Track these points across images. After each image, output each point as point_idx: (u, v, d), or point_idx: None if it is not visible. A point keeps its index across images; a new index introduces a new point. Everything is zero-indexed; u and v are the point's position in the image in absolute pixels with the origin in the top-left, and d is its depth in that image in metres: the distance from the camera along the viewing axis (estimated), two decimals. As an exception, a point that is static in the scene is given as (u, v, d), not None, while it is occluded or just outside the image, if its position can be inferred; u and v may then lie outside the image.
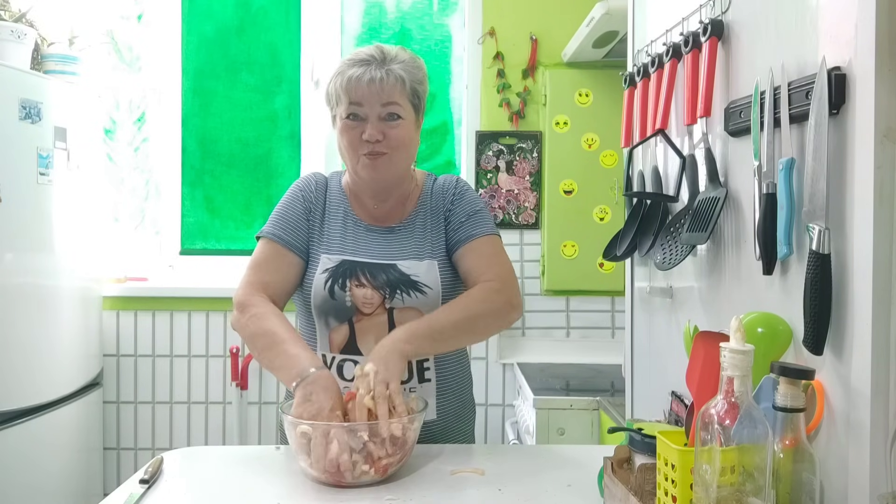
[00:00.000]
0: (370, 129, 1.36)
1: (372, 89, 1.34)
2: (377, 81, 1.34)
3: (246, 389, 2.80)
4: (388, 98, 1.36)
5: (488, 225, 1.46)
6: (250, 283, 1.40)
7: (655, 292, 1.47)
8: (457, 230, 1.45)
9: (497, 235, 1.47)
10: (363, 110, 1.36)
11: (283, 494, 1.14)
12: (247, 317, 1.34)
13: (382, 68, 1.36)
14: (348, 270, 1.40)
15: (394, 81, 1.36)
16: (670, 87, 1.31)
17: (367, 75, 1.35)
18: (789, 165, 0.91)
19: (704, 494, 0.78)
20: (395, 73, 1.36)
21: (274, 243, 1.43)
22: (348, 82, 1.35)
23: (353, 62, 1.37)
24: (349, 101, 1.36)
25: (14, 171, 2.23)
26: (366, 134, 1.36)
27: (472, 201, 1.49)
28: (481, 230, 1.45)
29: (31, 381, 2.33)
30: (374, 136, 1.36)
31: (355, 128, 1.37)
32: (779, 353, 0.91)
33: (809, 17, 0.92)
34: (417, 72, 1.41)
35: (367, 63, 1.36)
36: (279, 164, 2.98)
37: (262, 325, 1.32)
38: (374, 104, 1.35)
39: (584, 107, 2.79)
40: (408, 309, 1.39)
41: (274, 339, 1.29)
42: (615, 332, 2.81)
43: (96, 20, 2.84)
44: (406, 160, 1.44)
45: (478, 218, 1.46)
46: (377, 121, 1.36)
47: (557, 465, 1.29)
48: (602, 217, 2.79)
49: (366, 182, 1.43)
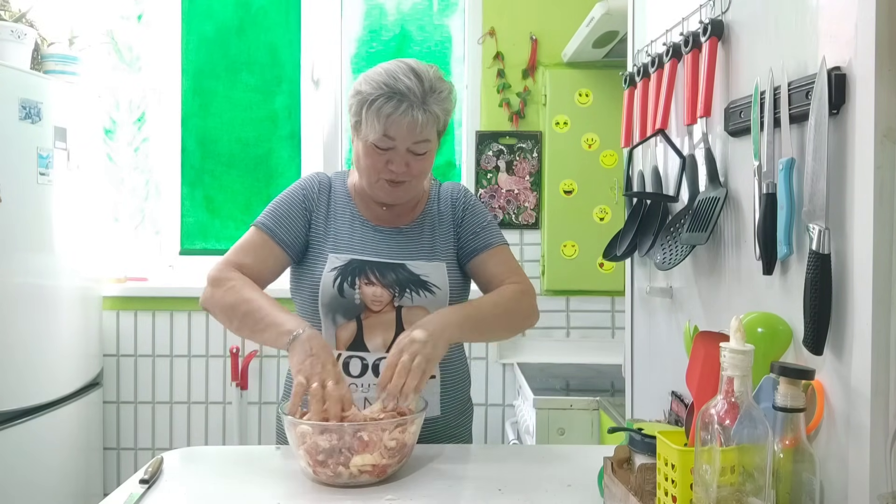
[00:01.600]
0: (397, 163, 1.35)
1: (411, 130, 1.32)
2: (418, 124, 1.31)
3: (246, 389, 2.80)
4: (420, 137, 1.34)
5: (501, 236, 1.53)
6: (227, 260, 1.40)
7: (655, 292, 1.47)
8: (472, 239, 1.49)
9: (508, 245, 1.53)
10: (392, 143, 1.35)
11: (283, 494, 1.14)
12: (223, 289, 1.35)
13: (422, 108, 1.31)
14: (357, 269, 1.40)
15: (430, 122, 1.33)
16: (670, 87, 1.31)
17: (407, 117, 1.30)
18: (789, 165, 0.91)
19: (704, 494, 0.78)
20: (432, 111, 1.33)
21: (262, 233, 1.44)
22: (387, 119, 1.30)
23: (391, 92, 1.30)
24: (383, 134, 1.32)
25: (14, 171, 2.23)
26: (392, 165, 1.36)
27: (484, 212, 1.55)
28: (497, 240, 1.51)
29: (31, 381, 2.32)
30: (399, 168, 1.36)
31: (381, 155, 1.36)
32: (779, 353, 0.91)
33: (809, 17, 0.92)
34: (449, 104, 1.38)
35: (407, 99, 1.30)
36: (279, 164, 2.98)
37: (241, 294, 1.33)
38: (405, 141, 1.34)
39: (584, 107, 2.79)
40: (416, 308, 1.40)
41: (256, 304, 1.30)
42: (615, 332, 2.81)
43: (96, 20, 2.84)
44: (423, 184, 1.47)
45: (492, 228, 1.52)
46: (405, 153, 1.35)
47: (557, 465, 1.29)
48: (602, 217, 2.79)
49: (380, 200, 1.46)
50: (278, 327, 1.26)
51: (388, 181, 1.39)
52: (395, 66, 1.34)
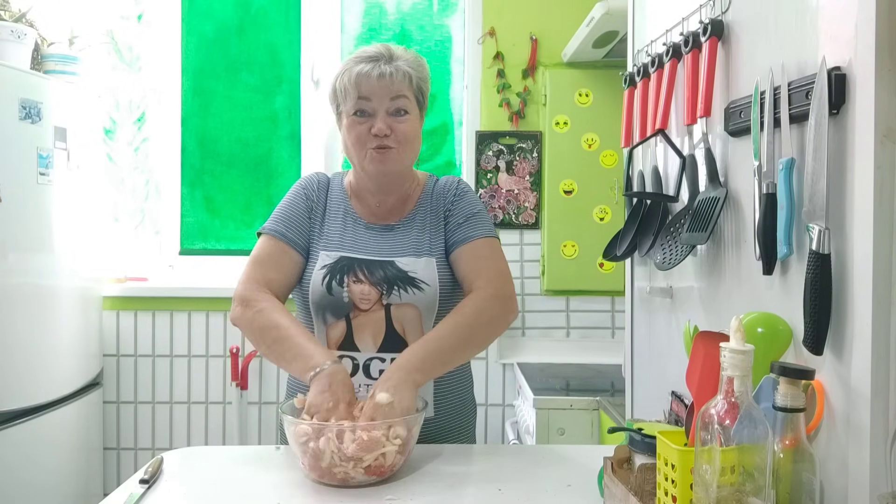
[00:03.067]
0: (379, 123, 1.38)
1: (382, 83, 1.37)
2: (387, 76, 1.37)
3: (246, 389, 2.80)
4: (396, 92, 1.38)
5: (486, 227, 1.47)
6: (253, 278, 1.40)
7: (655, 292, 1.47)
8: (455, 231, 1.45)
9: (495, 238, 1.47)
10: (371, 105, 1.38)
11: (283, 494, 1.14)
12: (253, 311, 1.34)
13: (391, 64, 1.39)
14: (346, 267, 1.40)
15: (402, 77, 1.39)
16: (670, 87, 1.31)
17: (376, 70, 1.37)
18: (789, 165, 0.91)
19: (704, 494, 0.78)
20: (402, 69, 1.39)
21: (276, 240, 1.43)
22: (357, 77, 1.37)
23: (361, 59, 1.40)
24: (358, 96, 1.38)
25: (14, 171, 2.23)
26: (374, 128, 1.38)
27: (472, 203, 1.50)
28: (479, 232, 1.45)
29: (31, 381, 2.33)
30: (382, 129, 1.38)
31: (363, 123, 1.39)
32: (779, 353, 0.91)
33: (809, 17, 0.92)
34: (422, 70, 1.45)
35: (375, 59, 1.39)
36: (279, 164, 2.98)
37: (270, 318, 1.32)
38: (383, 98, 1.38)
39: (584, 107, 2.79)
40: (405, 305, 1.39)
41: (285, 332, 1.30)
42: (615, 332, 2.80)
43: (96, 20, 2.84)
44: (412, 155, 1.46)
45: (476, 220, 1.46)
46: (385, 115, 1.39)
47: (557, 465, 1.29)
48: (602, 217, 2.79)
49: (372, 176, 1.44)
50: (305, 361, 1.25)
51: (376, 149, 1.39)
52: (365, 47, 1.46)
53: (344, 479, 1.14)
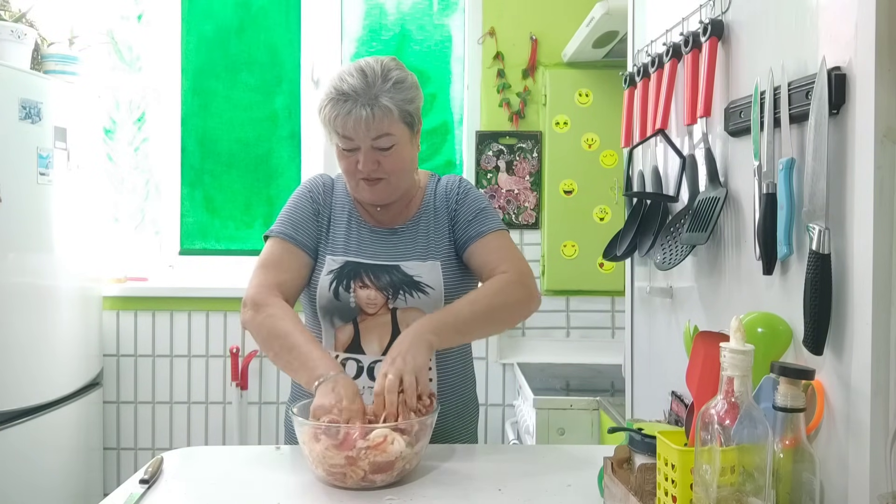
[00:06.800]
0: (363, 161, 1.36)
1: (359, 128, 1.32)
2: (363, 120, 1.31)
3: (246, 389, 2.80)
4: (377, 132, 1.33)
5: (495, 221, 1.48)
6: (264, 281, 1.39)
7: (655, 292, 1.47)
8: (465, 229, 1.46)
9: (506, 230, 1.49)
10: (354, 143, 1.35)
11: (283, 494, 1.14)
12: (262, 315, 1.34)
13: (368, 105, 1.31)
14: (352, 272, 1.40)
15: (382, 114, 1.32)
16: (670, 87, 1.31)
17: (353, 115, 1.31)
18: (789, 165, 0.91)
19: (704, 494, 0.78)
20: (381, 105, 1.32)
21: (284, 242, 1.43)
22: (335, 121, 1.33)
23: (338, 95, 1.33)
24: (340, 136, 1.35)
25: (14, 171, 2.23)
26: (361, 164, 1.36)
27: (477, 199, 1.50)
28: (489, 226, 1.45)
29: (31, 381, 2.32)
30: (367, 167, 1.36)
31: (350, 156, 1.37)
32: (779, 353, 0.91)
33: (809, 17, 0.92)
34: (406, 92, 1.36)
35: (353, 99, 1.32)
36: (279, 164, 2.98)
37: (279, 325, 1.32)
38: (364, 139, 1.34)
39: (584, 107, 2.79)
40: (411, 309, 1.39)
41: (292, 340, 1.30)
42: (615, 332, 2.80)
43: (96, 20, 2.84)
44: (405, 179, 1.45)
45: (485, 215, 1.47)
46: (370, 150, 1.35)
47: (557, 465, 1.29)
48: (602, 217, 2.79)
49: (365, 203, 1.46)
50: (309, 371, 1.25)
51: (364, 180, 1.39)
52: (345, 68, 1.38)
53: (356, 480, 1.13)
